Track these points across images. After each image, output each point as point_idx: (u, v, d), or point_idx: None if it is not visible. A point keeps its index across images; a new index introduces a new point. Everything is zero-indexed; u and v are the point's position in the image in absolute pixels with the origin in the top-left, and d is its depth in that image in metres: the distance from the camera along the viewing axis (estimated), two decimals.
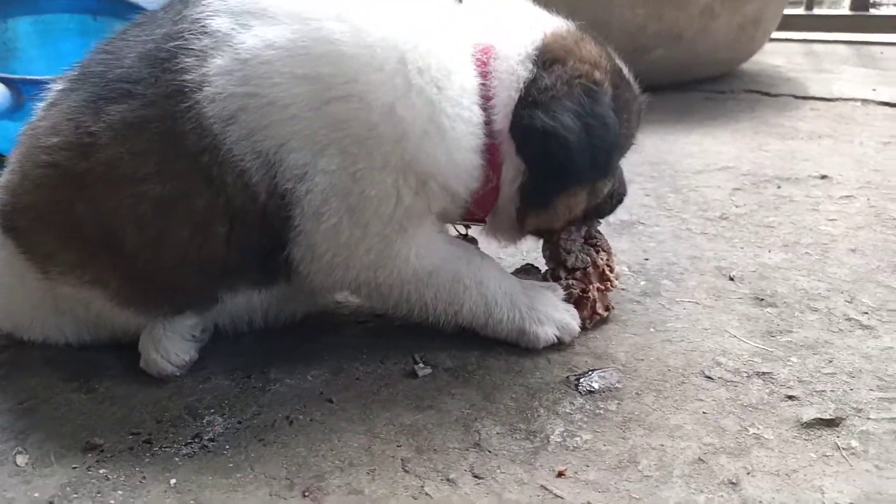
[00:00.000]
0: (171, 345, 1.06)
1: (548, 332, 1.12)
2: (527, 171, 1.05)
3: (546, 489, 0.84)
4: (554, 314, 1.14)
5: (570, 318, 1.15)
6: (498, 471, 0.87)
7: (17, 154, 1.05)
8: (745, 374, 1.05)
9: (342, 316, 1.26)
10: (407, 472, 0.87)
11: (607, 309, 1.21)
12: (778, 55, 3.45)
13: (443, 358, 1.11)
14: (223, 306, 1.09)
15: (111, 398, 1.04)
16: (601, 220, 1.26)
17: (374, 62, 0.95)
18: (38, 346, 1.15)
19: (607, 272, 1.21)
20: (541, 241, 1.25)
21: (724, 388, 1.02)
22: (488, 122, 1.03)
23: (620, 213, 1.65)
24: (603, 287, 1.21)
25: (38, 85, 1.09)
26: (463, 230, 1.24)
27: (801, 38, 3.79)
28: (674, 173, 1.95)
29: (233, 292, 1.07)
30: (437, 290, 1.08)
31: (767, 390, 1.01)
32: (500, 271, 1.15)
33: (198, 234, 0.99)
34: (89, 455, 0.93)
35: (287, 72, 0.94)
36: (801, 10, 4.00)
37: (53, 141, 0.99)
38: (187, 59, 0.95)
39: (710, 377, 1.05)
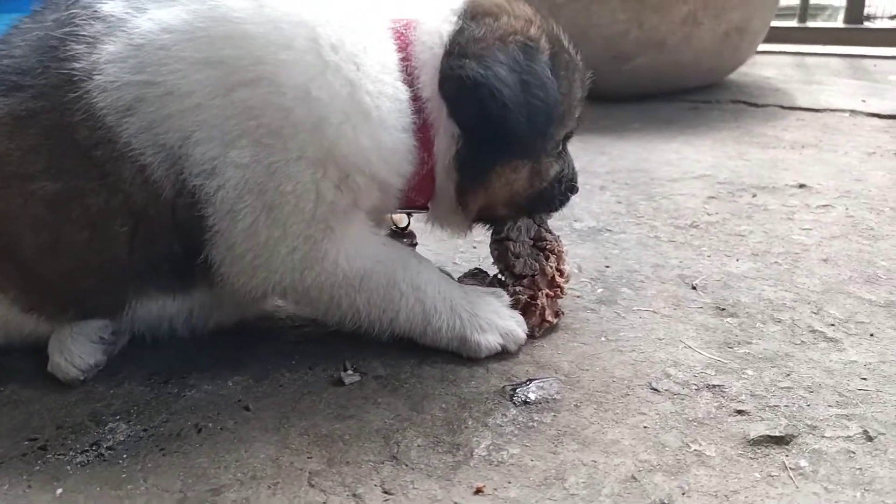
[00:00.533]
0: (77, 347, 0.99)
1: (490, 341, 1.05)
2: (460, 137, 0.98)
3: None
4: (497, 321, 1.06)
5: (514, 324, 1.07)
6: (411, 486, 0.80)
7: None
8: (695, 387, 0.98)
9: (277, 320, 1.19)
10: (312, 486, 0.80)
11: (557, 315, 1.14)
12: (769, 67, 3.39)
13: (375, 365, 1.04)
14: (135, 313, 1.02)
15: (14, 402, 0.98)
16: (550, 215, 1.19)
17: (282, 40, 0.87)
18: None
19: (557, 278, 1.14)
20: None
21: (669, 401, 0.95)
22: (415, 97, 0.95)
23: (587, 220, 1.60)
24: (552, 294, 1.14)
25: None
26: (405, 220, 1.17)
27: (794, 50, 3.74)
28: (649, 181, 1.88)
29: (144, 298, 1.00)
30: (370, 296, 1.00)
31: (716, 404, 0.94)
32: (439, 276, 1.08)
33: (96, 235, 0.92)
34: None
35: (186, 57, 0.87)
36: (793, 23, 3.95)
37: None
38: (77, 47, 0.88)
39: (656, 389, 0.98)
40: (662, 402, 0.95)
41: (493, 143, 0.98)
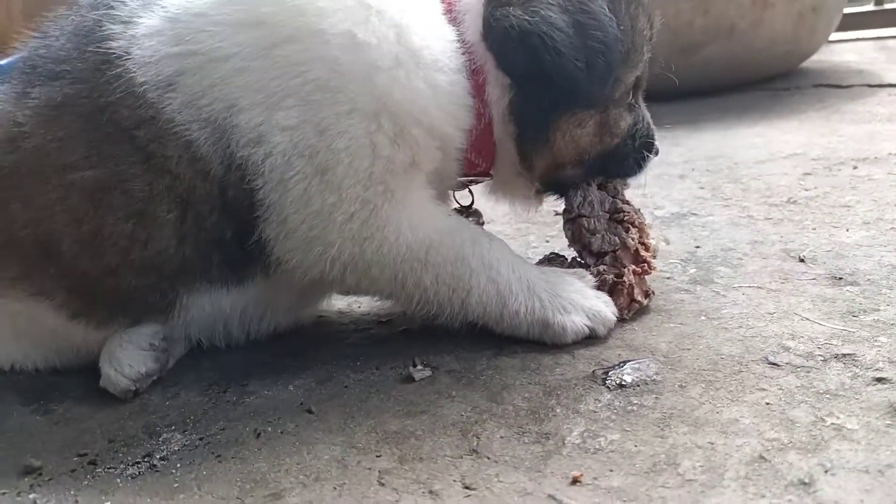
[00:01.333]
0: (126, 356, 0.93)
1: (576, 323, 0.93)
2: (512, 87, 0.88)
3: (554, 499, 0.65)
4: (582, 302, 0.94)
5: (602, 305, 0.95)
6: (495, 479, 0.69)
7: None
8: (821, 358, 0.84)
9: (340, 325, 1.11)
10: (382, 485, 0.70)
11: (647, 295, 1.01)
12: (848, 52, 3.19)
13: (448, 360, 0.94)
14: (187, 313, 0.94)
15: (66, 419, 0.91)
16: (627, 183, 1.07)
17: None
18: (6, 373, 1.04)
19: (642, 252, 1.02)
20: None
21: (793, 374, 0.81)
22: (462, 40, 0.87)
23: (668, 206, 1.47)
24: (639, 270, 1.01)
25: None
26: (469, 198, 1.07)
27: (873, 35, 3.51)
28: (732, 165, 1.74)
29: (195, 294, 0.93)
30: (438, 273, 0.90)
31: (850, 374, 0.80)
32: (511, 254, 0.97)
33: (141, 226, 0.86)
34: (25, 479, 0.80)
35: (223, 20, 0.81)
36: (871, 7, 3.72)
37: None
38: (113, 26, 0.84)
39: (775, 363, 0.84)
40: (784, 376, 0.81)
41: (552, 94, 0.88)
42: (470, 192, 1.06)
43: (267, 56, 0.81)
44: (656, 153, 1.04)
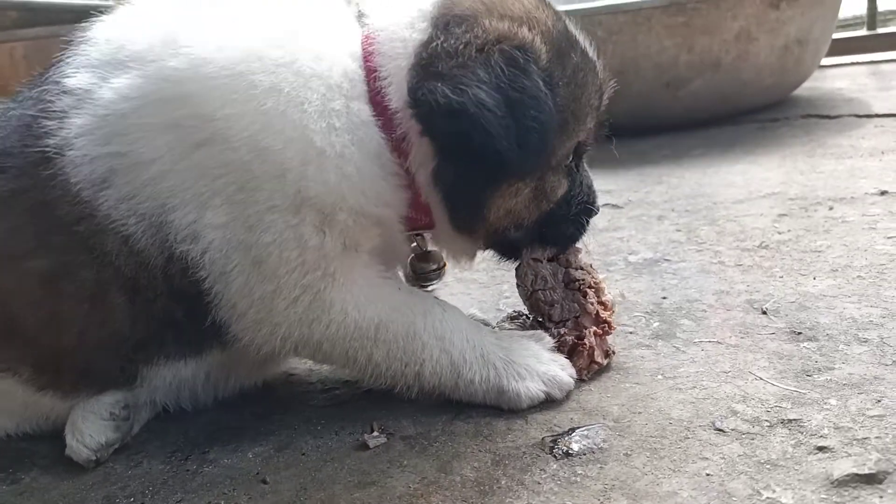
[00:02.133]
0: (87, 427, 0.95)
1: (531, 389, 0.94)
2: (436, 156, 0.88)
3: None
4: (538, 367, 0.96)
5: (558, 369, 0.96)
6: None
7: None
8: (767, 424, 0.85)
9: (308, 384, 1.13)
10: None
11: (607, 355, 1.02)
12: (840, 78, 3.20)
13: (405, 424, 0.96)
14: (150, 383, 0.97)
15: (32, 489, 0.93)
16: (576, 252, 1.08)
17: (224, 94, 0.82)
18: None
19: (601, 313, 1.03)
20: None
21: (737, 441, 0.82)
22: (383, 110, 0.87)
23: (642, 251, 1.48)
24: (600, 331, 1.03)
25: None
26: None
27: (866, 59, 3.52)
28: (711, 205, 1.75)
29: (155, 367, 0.96)
30: (390, 349, 0.92)
31: (793, 441, 0.80)
32: (466, 322, 0.98)
33: (94, 309, 0.89)
34: None
35: (145, 123, 0.84)
36: (863, 31, 3.73)
37: None
38: (49, 122, 0.86)
39: (721, 430, 0.85)
40: (728, 443, 0.82)
41: (481, 170, 0.88)
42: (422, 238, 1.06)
43: (188, 159, 0.84)
44: (592, 214, 1.03)
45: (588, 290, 1.04)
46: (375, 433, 0.94)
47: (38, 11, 3.09)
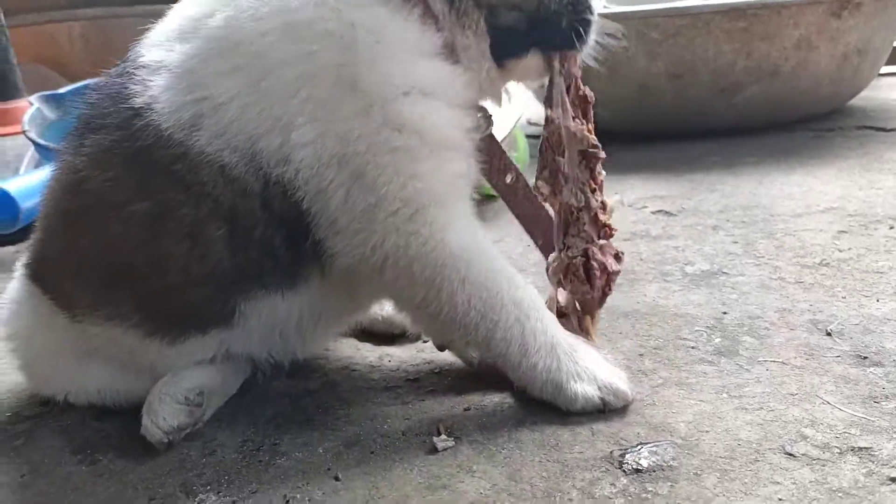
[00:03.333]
0: (162, 409, 0.99)
1: (588, 392, 0.96)
2: None
3: None
4: (598, 373, 0.98)
5: (616, 379, 0.99)
6: None
7: (40, 208, 1.11)
8: (838, 451, 0.85)
9: (370, 380, 1.15)
10: None
11: (618, 258, 1.08)
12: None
13: (470, 429, 0.97)
14: (247, 321, 1.01)
15: (110, 471, 0.97)
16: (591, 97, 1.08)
17: (258, 28, 0.92)
18: (56, 415, 1.11)
19: (601, 216, 1.08)
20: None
21: (808, 467, 0.83)
22: None
23: (699, 262, 1.48)
24: (603, 238, 1.08)
25: None
26: None
27: None
28: (768, 217, 1.73)
29: (252, 301, 0.99)
30: (473, 292, 0.95)
31: (864, 470, 0.81)
32: (542, 304, 1.02)
33: (196, 245, 0.95)
34: None
35: (215, 71, 0.93)
36: None
37: (56, 187, 1.03)
38: (135, 87, 0.96)
39: (791, 454, 0.85)
40: (799, 468, 0.83)
41: None
42: None
43: (258, 89, 0.91)
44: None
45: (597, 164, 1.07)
46: (443, 436, 0.96)
47: None
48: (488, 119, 1.07)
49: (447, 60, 0.97)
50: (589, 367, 0.98)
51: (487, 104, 1.08)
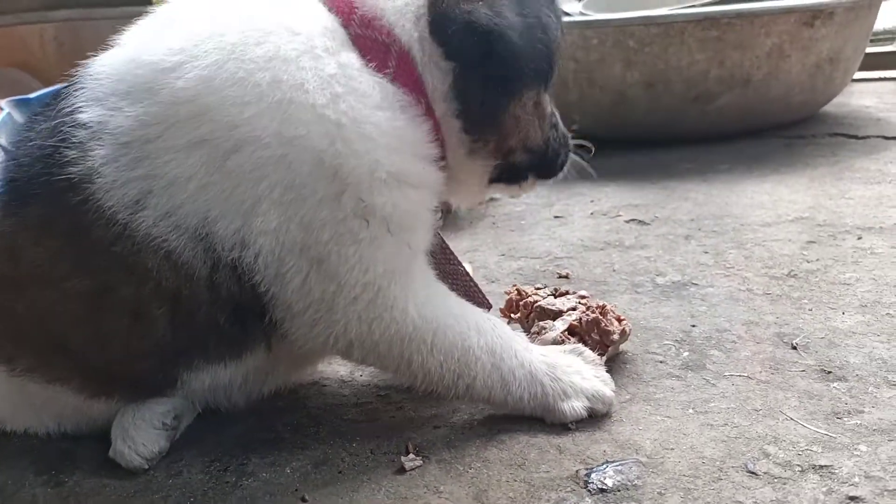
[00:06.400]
0: (140, 435, 0.98)
1: (576, 408, 0.98)
2: (456, 68, 0.94)
3: None
4: (582, 384, 1.00)
5: (600, 384, 1.01)
6: None
7: None
8: (799, 469, 0.86)
9: (341, 396, 1.15)
10: None
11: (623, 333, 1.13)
12: (868, 95, 3.18)
13: (439, 447, 0.98)
14: (190, 387, 1.00)
15: (76, 494, 0.96)
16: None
17: (237, 100, 0.85)
18: (19, 435, 1.09)
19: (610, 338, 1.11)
20: None
21: (769, 486, 0.84)
22: (373, 52, 0.91)
23: (670, 273, 1.49)
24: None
25: None
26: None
27: (895, 76, 3.49)
28: (739, 226, 1.75)
29: (195, 371, 0.98)
30: (445, 358, 0.95)
31: (824, 489, 0.82)
32: (512, 338, 1.01)
33: (136, 322, 0.91)
34: None
35: (172, 145, 0.85)
36: (893, 47, 3.70)
37: None
38: (71, 152, 0.87)
39: (753, 472, 0.86)
40: (761, 487, 0.84)
41: (502, 78, 0.96)
42: None
43: (221, 170, 0.85)
44: (569, 149, 1.13)
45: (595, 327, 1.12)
46: (411, 455, 0.96)
47: None
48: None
49: (436, 166, 0.96)
50: (573, 381, 0.99)
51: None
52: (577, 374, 1.01)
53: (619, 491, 0.85)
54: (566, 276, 1.53)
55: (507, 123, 1.00)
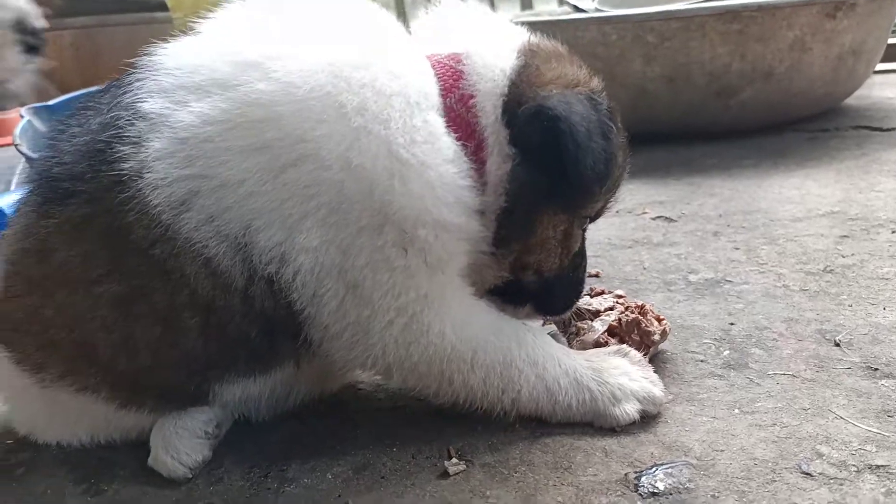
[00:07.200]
0: (182, 444, 0.97)
1: (628, 411, 0.97)
2: (517, 155, 0.92)
3: None
4: (630, 385, 0.98)
5: (649, 385, 0.99)
6: None
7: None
8: (854, 469, 0.84)
9: (377, 401, 1.13)
10: None
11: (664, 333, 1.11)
12: (889, 87, 3.14)
13: (481, 451, 0.96)
14: (221, 399, 0.99)
15: (116, 502, 0.95)
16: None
17: (315, 116, 0.84)
18: (56, 445, 1.09)
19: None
20: None
21: (825, 487, 0.82)
22: (458, 123, 0.91)
23: (702, 271, 1.47)
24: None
25: None
26: None
27: None
28: (768, 222, 1.73)
29: (225, 384, 0.97)
30: (487, 374, 0.94)
31: (883, 489, 0.80)
32: (555, 346, 1.01)
33: (168, 330, 0.90)
34: None
35: (231, 147, 0.84)
36: None
37: (16, 247, 0.95)
38: (123, 147, 0.86)
39: (808, 473, 0.84)
40: (817, 488, 0.82)
41: (552, 181, 0.93)
42: None
43: (276, 180, 0.84)
44: (581, 294, 1.10)
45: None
46: (454, 459, 0.94)
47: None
48: None
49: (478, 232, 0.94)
50: (621, 383, 0.98)
51: None
52: (625, 375, 0.99)
53: (671, 494, 0.83)
54: (596, 275, 1.52)
55: (534, 238, 0.97)
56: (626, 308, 1.13)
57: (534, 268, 1.01)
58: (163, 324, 0.90)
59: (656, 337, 1.09)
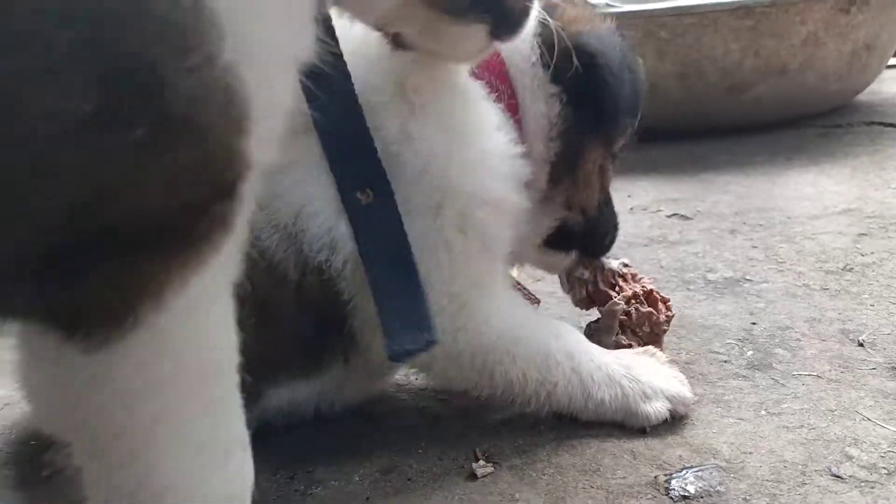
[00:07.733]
0: None
1: (658, 409, 0.96)
2: (562, 94, 0.95)
3: None
4: (661, 384, 0.98)
5: (678, 384, 0.99)
6: None
7: None
8: (885, 471, 0.84)
9: (400, 401, 1.13)
10: None
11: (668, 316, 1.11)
12: None
13: (508, 452, 0.96)
14: (268, 402, 0.98)
15: None
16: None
17: (371, 86, 0.85)
18: None
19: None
20: None
21: (857, 490, 0.82)
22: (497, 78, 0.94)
23: (721, 269, 1.46)
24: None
25: None
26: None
27: None
28: (785, 220, 1.72)
29: (276, 386, 0.96)
30: (527, 367, 0.94)
31: None
32: (586, 342, 1.00)
33: None
34: None
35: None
36: None
37: None
38: None
39: (838, 476, 0.84)
40: (848, 491, 0.81)
41: (595, 116, 0.96)
42: None
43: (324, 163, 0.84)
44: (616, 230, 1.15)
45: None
46: (482, 462, 0.94)
47: None
48: None
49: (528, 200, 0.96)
50: (652, 381, 0.97)
51: None
52: (654, 374, 0.99)
53: (702, 498, 0.83)
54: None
55: (580, 176, 1.01)
56: (634, 297, 1.11)
57: (579, 206, 1.03)
58: None
59: (666, 327, 1.10)
